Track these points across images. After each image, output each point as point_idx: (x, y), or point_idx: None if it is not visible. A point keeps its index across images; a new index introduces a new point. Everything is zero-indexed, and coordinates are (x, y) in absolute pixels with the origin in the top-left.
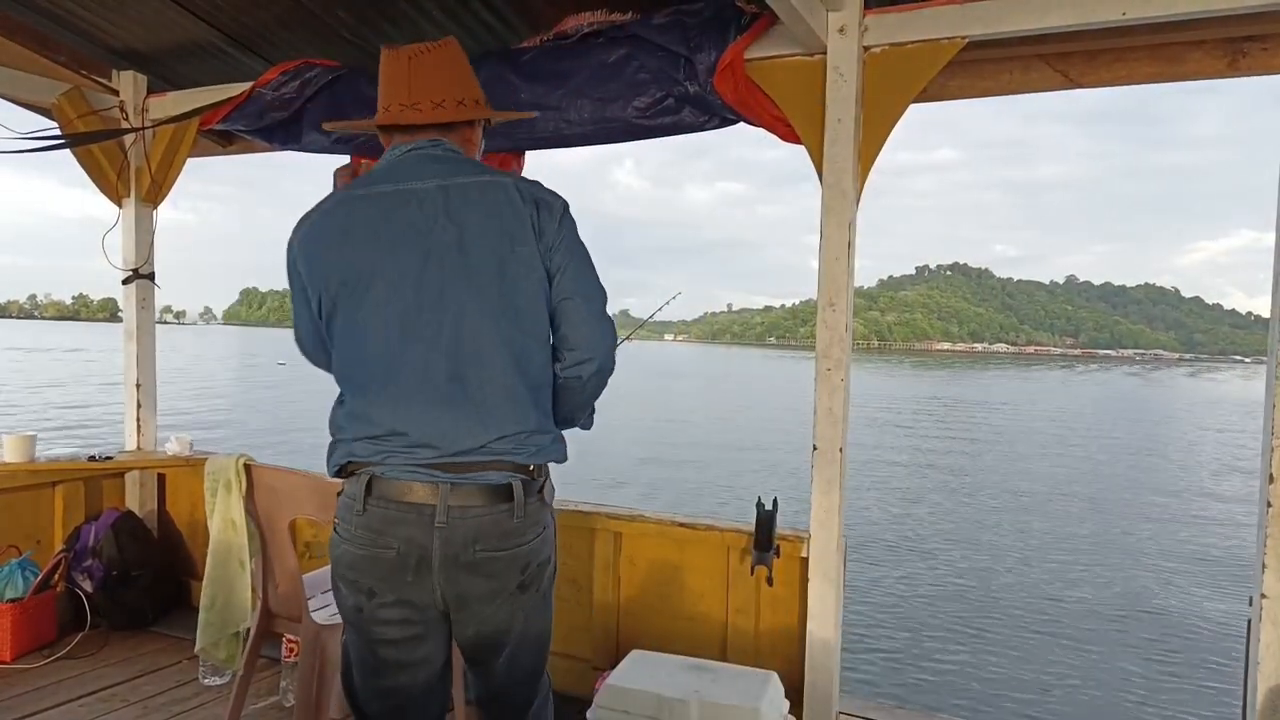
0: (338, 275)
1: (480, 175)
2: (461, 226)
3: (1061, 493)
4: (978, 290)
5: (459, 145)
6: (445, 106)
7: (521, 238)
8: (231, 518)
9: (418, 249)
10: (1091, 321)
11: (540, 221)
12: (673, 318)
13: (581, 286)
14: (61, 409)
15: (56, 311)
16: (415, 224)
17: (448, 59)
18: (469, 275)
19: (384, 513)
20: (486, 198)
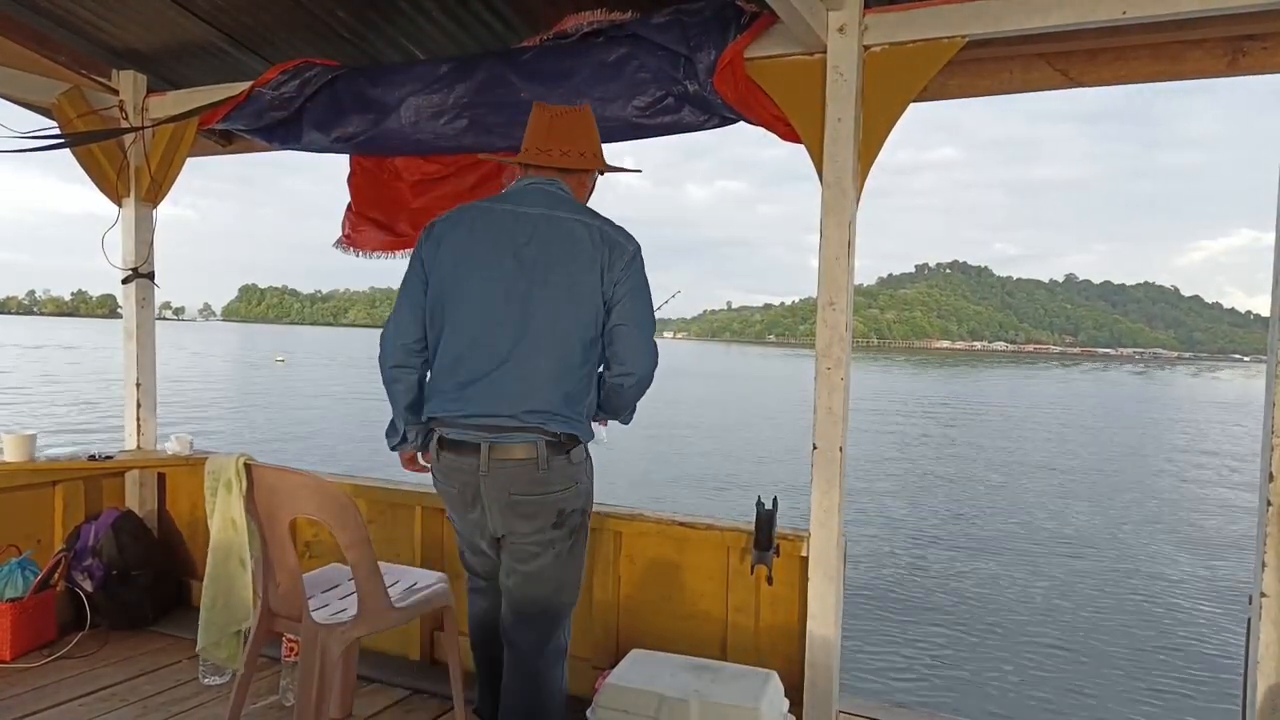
0: (450, 264)
1: (573, 214)
2: (548, 251)
3: (1063, 492)
4: (977, 289)
5: (573, 186)
6: (569, 156)
7: (588, 269)
8: (232, 517)
9: (512, 259)
10: (1091, 320)
11: (610, 260)
12: (672, 315)
13: (635, 317)
14: (63, 407)
15: (55, 308)
16: (516, 240)
17: (580, 120)
18: (543, 288)
19: (448, 462)
20: (572, 233)
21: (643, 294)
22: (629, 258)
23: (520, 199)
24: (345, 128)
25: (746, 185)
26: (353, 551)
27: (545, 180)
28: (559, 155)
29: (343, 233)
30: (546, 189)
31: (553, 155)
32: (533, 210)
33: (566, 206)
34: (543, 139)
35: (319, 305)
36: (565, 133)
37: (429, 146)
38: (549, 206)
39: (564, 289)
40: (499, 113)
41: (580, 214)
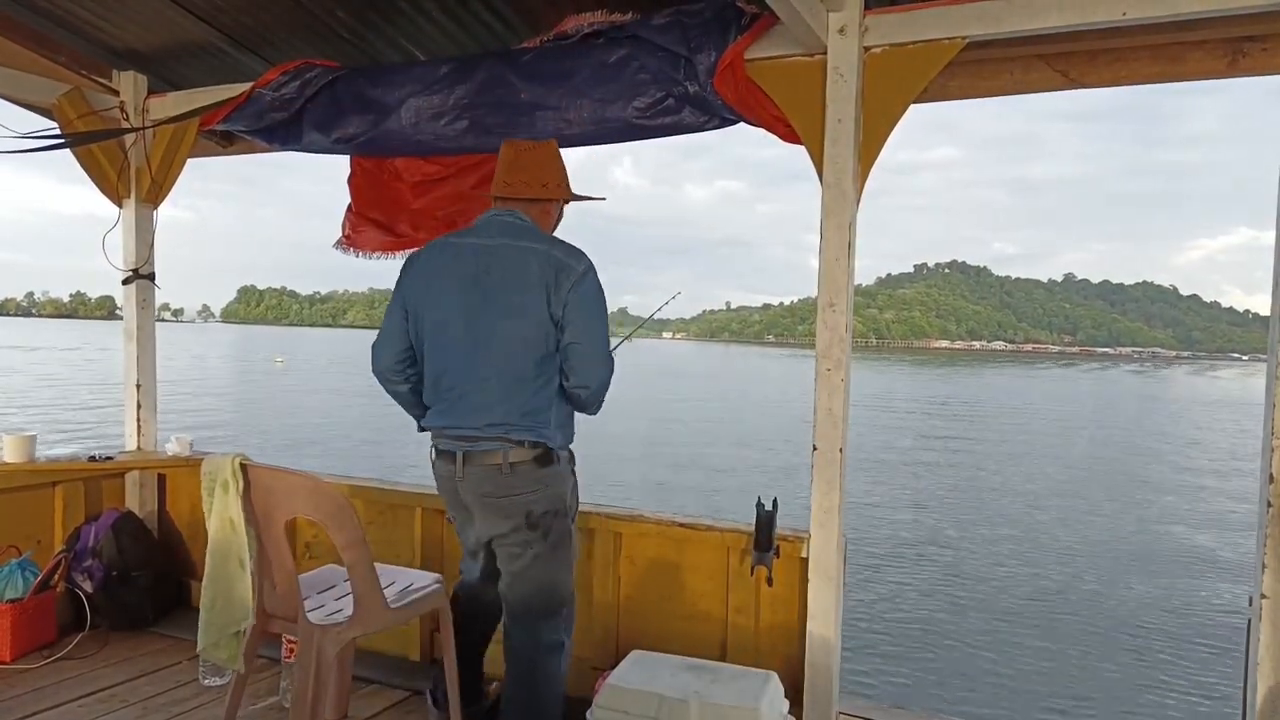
0: (423, 293)
1: (528, 242)
2: (502, 278)
3: (1065, 492)
4: (976, 288)
5: (536, 215)
6: (531, 187)
7: (535, 291)
8: (230, 517)
9: (473, 288)
10: (1089, 319)
11: (557, 281)
12: (671, 315)
13: (584, 334)
14: (61, 408)
15: (54, 309)
16: (476, 270)
17: (543, 154)
18: (495, 312)
19: (438, 469)
20: (523, 260)
21: (592, 311)
22: (577, 278)
23: (483, 231)
24: (345, 129)
25: (745, 185)
26: (349, 552)
27: (507, 211)
28: (521, 186)
29: (343, 233)
30: (507, 220)
31: (515, 187)
32: (492, 241)
33: (524, 235)
34: (507, 173)
35: (318, 306)
36: (528, 166)
37: (429, 147)
38: (508, 236)
39: (513, 312)
40: (499, 113)
41: (534, 241)
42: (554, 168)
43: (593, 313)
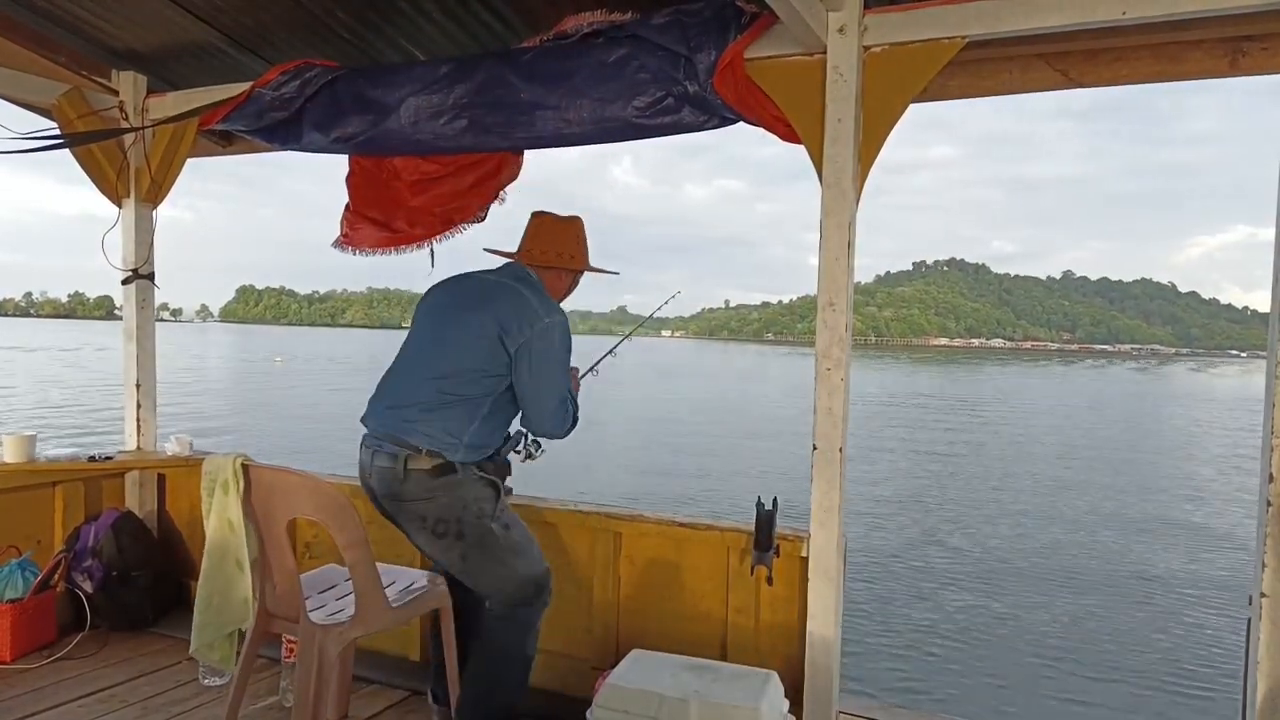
0: (422, 311)
1: (517, 284)
2: (475, 301)
3: (1067, 492)
4: (975, 286)
5: (549, 279)
6: (546, 254)
7: (496, 321)
8: (228, 518)
9: (452, 307)
10: (1088, 317)
11: (519, 322)
12: (670, 314)
13: (530, 386)
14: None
15: (53, 309)
16: (478, 293)
17: (566, 228)
18: (454, 329)
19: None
20: (501, 293)
21: (543, 364)
22: (541, 327)
23: (494, 271)
24: (345, 128)
25: (745, 184)
26: (350, 552)
27: (518, 266)
28: (539, 254)
29: (341, 232)
30: (518, 270)
31: (533, 255)
32: (496, 278)
33: (522, 281)
34: (530, 239)
35: (316, 306)
36: (550, 237)
37: (429, 147)
38: (509, 278)
39: (467, 332)
40: (499, 113)
41: (522, 285)
42: (575, 240)
43: (544, 366)
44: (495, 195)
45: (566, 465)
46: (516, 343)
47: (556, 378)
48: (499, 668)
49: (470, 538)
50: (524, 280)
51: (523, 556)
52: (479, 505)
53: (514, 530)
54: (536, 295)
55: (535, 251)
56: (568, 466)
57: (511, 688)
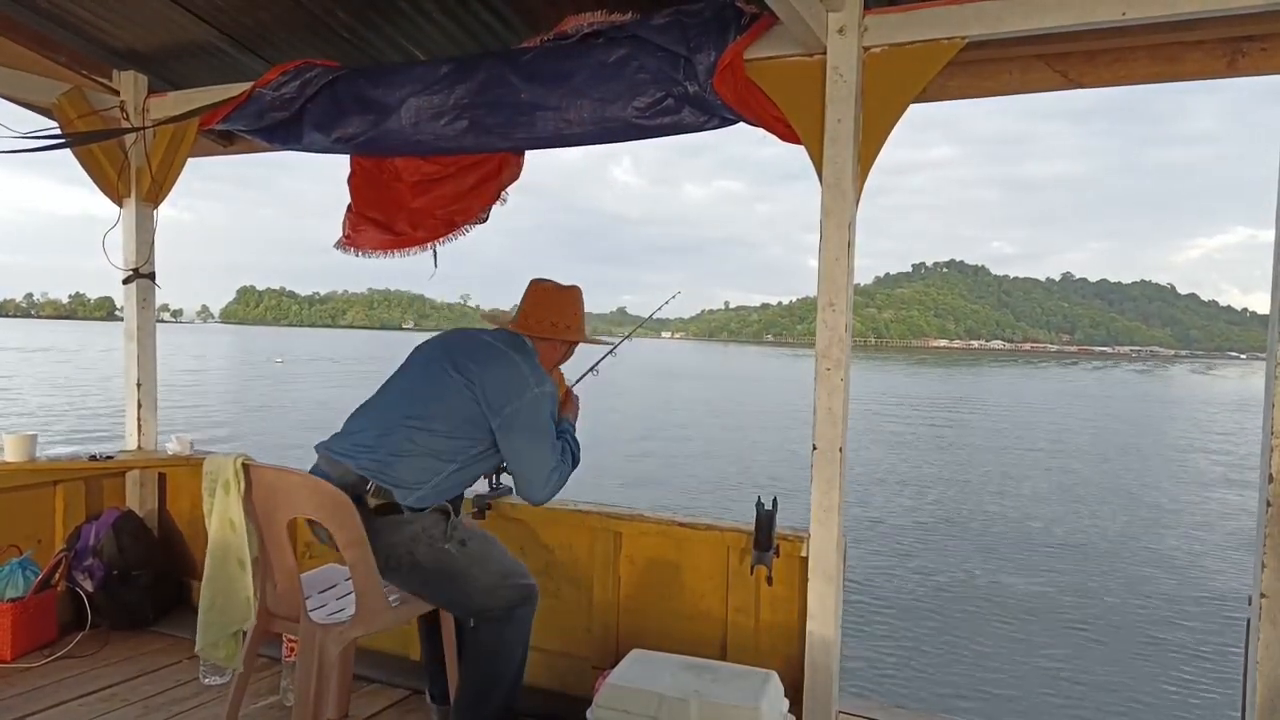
0: (414, 357)
1: (511, 351)
2: (476, 364)
3: (1069, 492)
4: (974, 287)
5: (540, 349)
6: (542, 325)
7: (475, 398)
8: (230, 517)
9: (455, 359)
10: (1088, 318)
11: (505, 399)
12: (670, 315)
13: (515, 457)
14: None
15: (54, 310)
16: (472, 351)
17: (563, 299)
18: (439, 394)
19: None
20: (489, 368)
21: (533, 435)
22: (530, 397)
23: (490, 332)
24: (345, 128)
25: (744, 185)
26: (350, 551)
27: (517, 334)
28: (535, 324)
29: (343, 233)
30: (515, 338)
31: (529, 325)
32: (491, 340)
33: (516, 347)
34: (528, 307)
35: (317, 307)
36: (547, 306)
37: (429, 147)
38: (503, 342)
39: (464, 386)
40: (499, 113)
41: (516, 352)
42: (571, 310)
43: (526, 437)
44: (497, 196)
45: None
46: (501, 415)
47: (546, 443)
48: (493, 667)
49: (427, 565)
50: (519, 348)
51: (485, 564)
52: (429, 535)
53: (471, 543)
54: (529, 364)
55: (532, 321)
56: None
57: (507, 686)
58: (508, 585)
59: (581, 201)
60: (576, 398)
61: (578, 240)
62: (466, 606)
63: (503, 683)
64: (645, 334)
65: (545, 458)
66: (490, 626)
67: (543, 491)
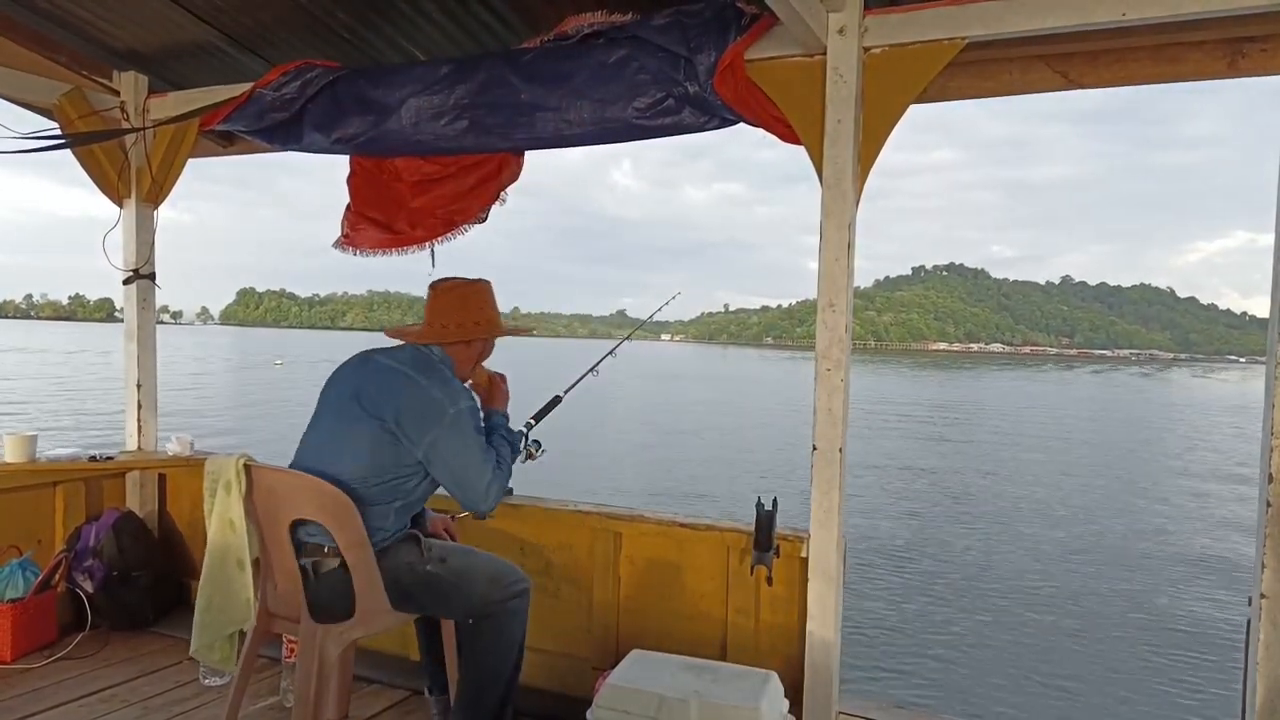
0: (324, 393)
1: (417, 376)
2: (383, 399)
3: (1074, 492)
4: (974, 290)
5: (454, 353)
6: (447, 329)
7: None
8: (230, 518)
9: (361, 398)
10: (1087, 321)
11: (421, 430)
12: (669, 318)
13: (459, 474)
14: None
15: (53, 311)
16: (376, 386)
17: (462, 295)
18: (355, 443)
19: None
20: (396, 400)
21: (461, 453)
22: (448, 419)
23: (393, 354)
24: (346, 129)
25: (744, 187)
26: (351, 553)
27: (425, 346)
28: (439, 329)
29: (342, 232)
30: (420, 351)
31: (435, 329)
32: (395, 365)
33: (422, 368)
34: (429, 315)
35: (316, 309)
36: (447, 307)
37: (429, 147)
38: (407, 364)
39: (377, 428)
40: (499, 114)
41: (421, 374)
42: (480, 305)
43: (461, 454)
44: (496, 196)
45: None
46: (422, 446)
47: (477, 459)
48: (492, 662)
49: (417, 592)
50: (426, 368)
51: (472, 574)
52: (407, 564)
53: (451, 558)
54: (438, 383)
55: (438, 328)
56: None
57: (506, 680)
58: (500, 586)
59: (581, 203)
60: (503, 380)
61: (577, 242)
62: (465, 612)
63: (502, 677)
64: (644, 336)
65: (478, 473)
66: (488, 623)
67: (484, 504)
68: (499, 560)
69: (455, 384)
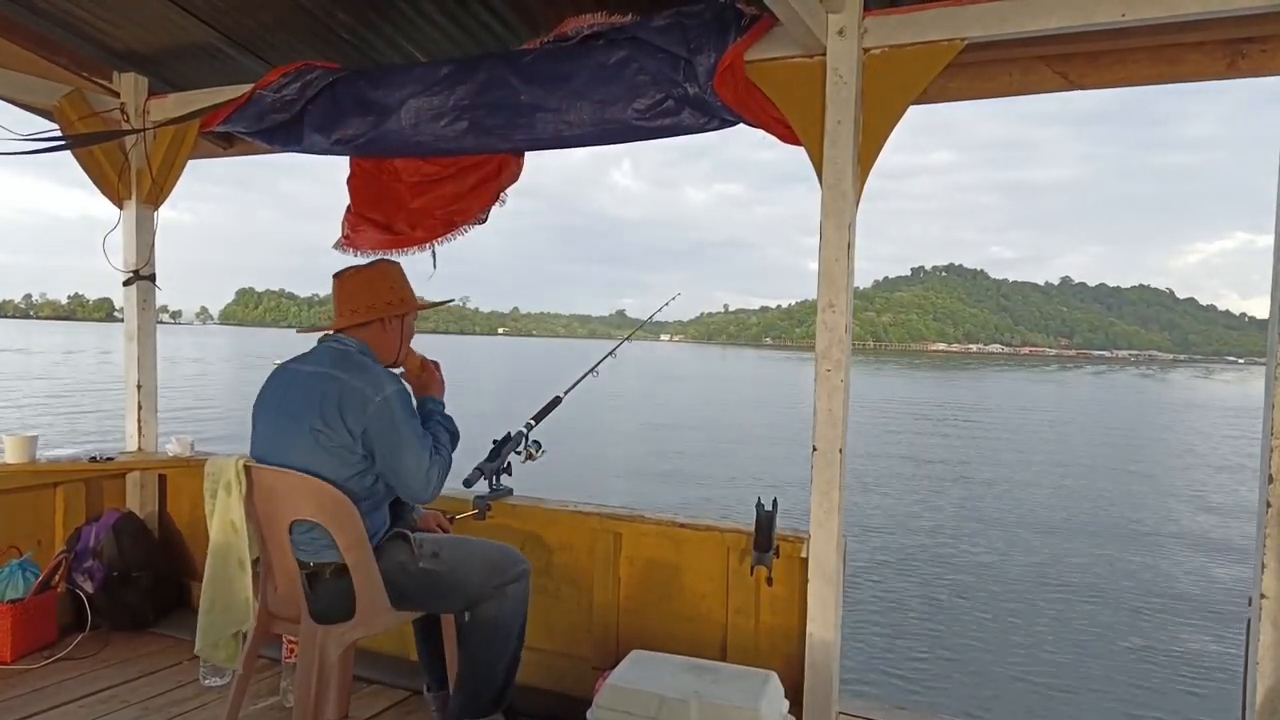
0: (255, 414)
1: (335, 370)
2: (303, 406)
3: (1072, 494)
4: (973, 291)
5: (372, 340)
6: (357, 313)
7: (330, 422)
8: (231, 519)
9: (279, 412)
10: (1086, 322)
11: (353, 422)
12: (669, 318)
13: (388, 462)
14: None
15: (52, 311)
16: (296, 396)
17: (367, 278)
18: (295, 438)
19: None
20: (324, 390)
21: (392, 442)
22: (373, 409)
23: (308, 358)
24: (346, 130)
25: (743, 188)
26: (351, 553)
27: (334, 339)
28: (350, 314)
29: (342, 233)
30: (334, 347)
31: (346, 316)
32: (314, 369)
33: (339, 363)
34: (338, 304)
35: (316, 309)
36: (356, 294)
37: (429, 148)
38: (325, 365)
39: (310, 439)
40: (499, 115)
41: (340, 369)
42: (389, 285)
43: (391, 442)
44: (496, 197)
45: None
46: (358, 439)
47: (413, 445)
48: (491, 646)
49: (413, 590)
50: (342, 361)
51: (468, 564)
52: (399, 563)
53: (444, 551)
54: (360, 374)
55: (348, 314)
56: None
57: (506, 664)
58: (497, 572)
59: (581, 204)
60: (436, 366)
61: (577, 242)
62: (464, 604)
63: (500, 665)
64: (644, 336)
65: (416, 460)
66: (487, 606)
67: (424, 492)
68: (495, 546)
69: (376, 370)
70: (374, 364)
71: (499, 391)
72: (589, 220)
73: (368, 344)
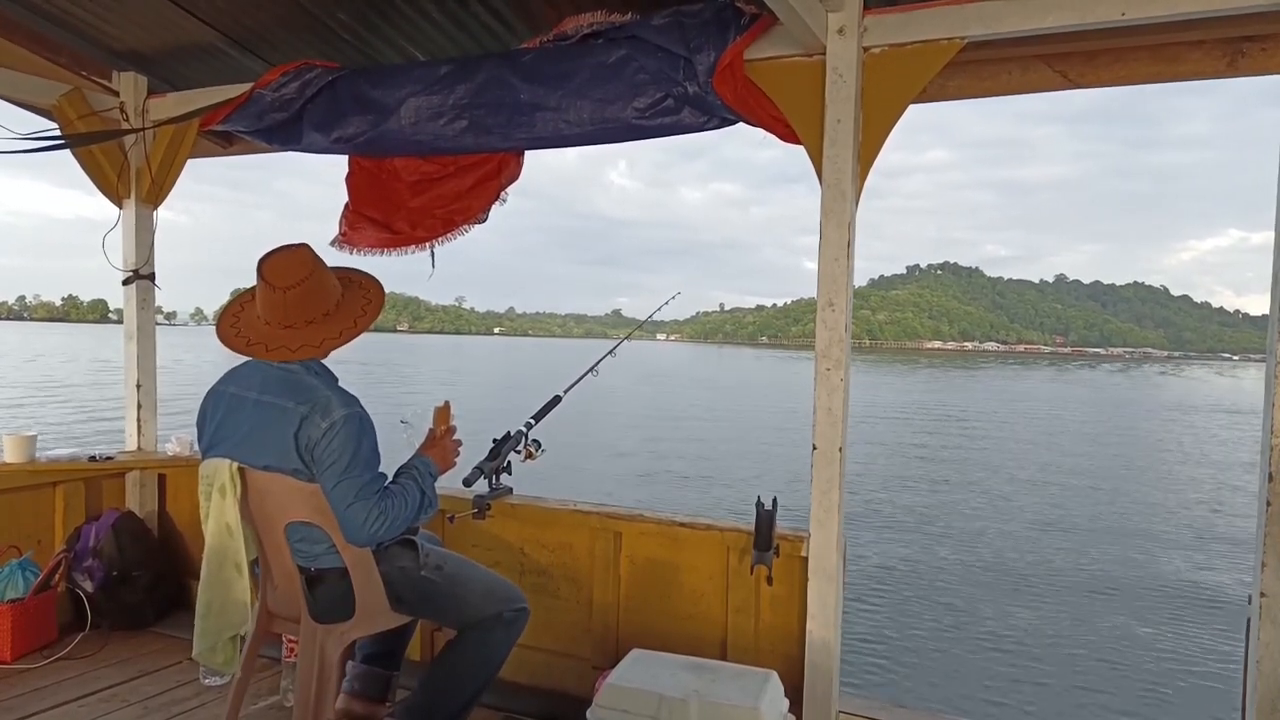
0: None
1: (276, 398)
2: (251, 429)
3: (1074, 493)
4: (968, 289)
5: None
6: (329, 341)
7: (284, 458)
8: (226, 522)
9: (230, 439)
10: (1081, 320)
11: (308, 453)
12: (665, 318)
13: (332, 489)
14: None
15: (46, 313)
16: (234, 420)
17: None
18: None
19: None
20: (271, 414)
21: (327, 464)
22: (318, 433)
23: (236, 379)
24: (345, 129)
25: (740, 188)
26: (349, 553)
27: (278, 368)
28: (317, 344)
29: (340, 231)
30: (277, 377)
31: (310, 346)
32: (247, 394)
33: (274, 388)
34: (281, 319)
35: None
36: (298, 304)
37: (429, 147)
38: (259, 390)
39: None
40: (499, 114)
41: (282, 396)
42: (328, 290)
43: (335, 471)
44: (496, 196)
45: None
46: (309, 462)
47: (354, 479)
48: (462, 673)
49: (409, 598)
50: (288, 389)
51: (469, 581)
52: (400, 568)
53: (448, 565)
54: (307, 400)
55: (304, 337)
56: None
57: (467, 697)
58: (494, 600)
59: (578, 204)
60: (458, 446)
61: (573, 242)
62: (458, 621)
63: (464, 693)
64: (641, 336)
65: (355, 484)
66: (474, 634)
67: (359, 533)
68: (500, 578)
69: (328, 393)
70: (321, 384)
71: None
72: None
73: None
